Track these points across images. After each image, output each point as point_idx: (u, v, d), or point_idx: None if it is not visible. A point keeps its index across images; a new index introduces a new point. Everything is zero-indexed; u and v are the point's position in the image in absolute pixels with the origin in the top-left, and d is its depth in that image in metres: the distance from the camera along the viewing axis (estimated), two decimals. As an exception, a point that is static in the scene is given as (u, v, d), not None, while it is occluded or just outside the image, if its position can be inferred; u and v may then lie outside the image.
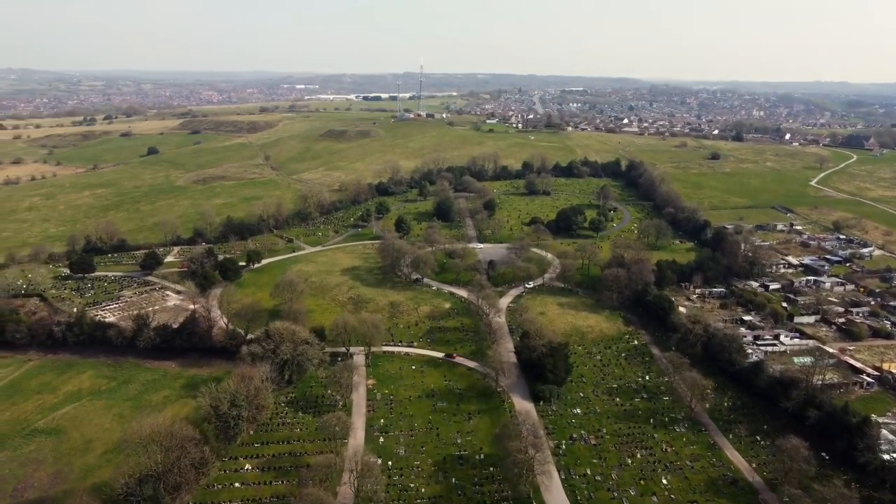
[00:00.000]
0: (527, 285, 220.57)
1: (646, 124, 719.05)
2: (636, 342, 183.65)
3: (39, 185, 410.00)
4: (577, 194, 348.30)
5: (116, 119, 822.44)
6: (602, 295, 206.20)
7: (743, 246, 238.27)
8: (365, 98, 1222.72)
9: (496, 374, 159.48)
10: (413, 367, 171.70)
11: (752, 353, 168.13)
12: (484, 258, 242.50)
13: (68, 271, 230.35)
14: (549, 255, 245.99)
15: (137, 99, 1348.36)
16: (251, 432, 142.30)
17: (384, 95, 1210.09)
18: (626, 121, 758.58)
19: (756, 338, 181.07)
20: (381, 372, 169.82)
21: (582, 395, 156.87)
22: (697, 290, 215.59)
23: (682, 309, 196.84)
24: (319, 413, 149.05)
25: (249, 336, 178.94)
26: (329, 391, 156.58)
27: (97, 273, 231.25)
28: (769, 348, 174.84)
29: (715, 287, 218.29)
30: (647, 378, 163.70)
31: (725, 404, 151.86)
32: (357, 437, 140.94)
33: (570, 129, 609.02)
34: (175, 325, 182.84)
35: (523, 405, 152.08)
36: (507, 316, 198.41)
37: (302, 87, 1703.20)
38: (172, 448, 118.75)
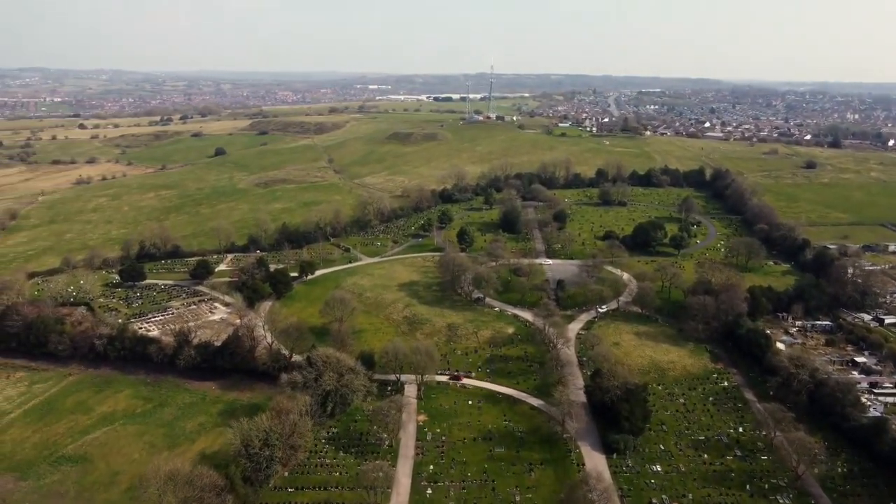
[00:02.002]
0: (599, 309, 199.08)
1: (729, 128, 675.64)
2: (726, 383, 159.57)
3: (108, 185, 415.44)
4: (656, 206, 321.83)
5: (191, 119, 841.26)
6: (686, 325, 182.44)
7: (851, 270, 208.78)
8: (435, 99, 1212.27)
9: (563, 418, 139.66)
10: (469, 403, 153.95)
11: (869, 406, 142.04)
12: (552, 276, 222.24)
13: (119, 279, 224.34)
14: (625, 276, 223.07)
15: (216, 99, 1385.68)
16: (285, 474, 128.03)
17: (455, 96, 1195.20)
18: (707, 124, 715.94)
19: (872, 385, 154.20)
20: (434, 406, 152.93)
21: (663, 447, 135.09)
22: (798, 323, 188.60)
23: (780, 345, 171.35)
24: (362, 453, 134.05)
25: (294, 357, 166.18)
26: (375, 427, 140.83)
27: (147, 281, 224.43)
28: (890, 399, 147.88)
29: (818, 319, 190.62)
30: (741, 430, 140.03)
31: (839, 470, 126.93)
32: (402, 488, 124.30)
33: (647, 133, 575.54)
34: (217, 343, 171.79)
35: (593, 458, 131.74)
36: (577, 345, 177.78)
37: (374, 87, 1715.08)
38: (190, 500, 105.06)
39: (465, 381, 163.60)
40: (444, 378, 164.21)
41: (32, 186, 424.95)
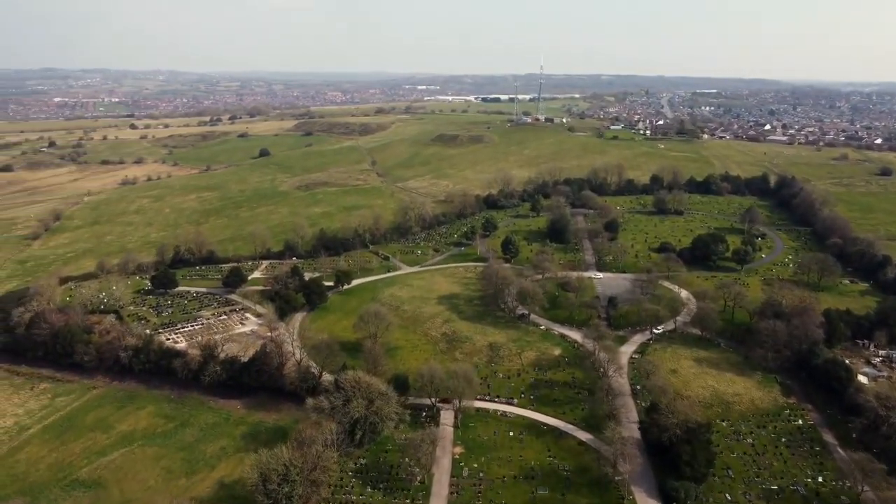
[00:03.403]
0: (654, 330, 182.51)
1: (791, 131, 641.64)
2: (800, 422, 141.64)
3: (153, 185, 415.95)
4: (716, 215, 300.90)
5: (240, 119, 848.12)
6: (752, 351, 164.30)
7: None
8: (484, 100, 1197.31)
9: (615, 459, 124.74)
10: (511, 434, 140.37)
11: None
12: (603, 292, 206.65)
13: (151, 286, 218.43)
14: (683, 293, 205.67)
15: (267, 99, 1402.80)
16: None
17: (503, 97, 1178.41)
18: (767, 127, 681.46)
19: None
20: (472, 437, 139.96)
21: (729, 497, 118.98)
22: (881, 352, 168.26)
23: (862, 378, 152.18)
24: (392, 490, 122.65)
25: (324, 376, 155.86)
26: (406, 459, 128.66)
27: (179, 288, 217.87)
28: None
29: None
30: (821, 480, 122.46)
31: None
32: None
33: (705, 136, 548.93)
34: (244, 359, 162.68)
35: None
36: (630, 371, 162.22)
37: (423, 87, 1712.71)
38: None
39: (507, 408, 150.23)
40: (483, 404, 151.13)
41: (80, 186, 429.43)
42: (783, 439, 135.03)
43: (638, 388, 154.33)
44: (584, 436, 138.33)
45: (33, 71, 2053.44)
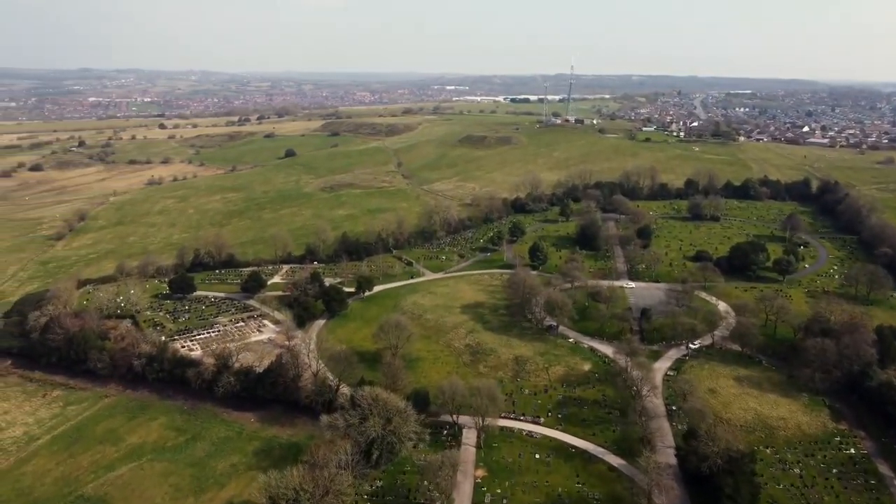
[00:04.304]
0: (691, 345, 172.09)
1: (832, 133, 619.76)
2: (852, 450, 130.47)
3: (178, 186, 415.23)
4: (754, 222, 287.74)
5: (268, 119, 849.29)
6: (798, 371, 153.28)
7: None
8: (513, 100, 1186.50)
9: (649, 489, 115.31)
10: (537, 457, 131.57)
11: None
12: (635, 303, 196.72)
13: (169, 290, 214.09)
14: (721, 305, 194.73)
15: (296, 99, 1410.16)
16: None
17: (532, 97, 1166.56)
18: (806, 129, 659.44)
19: None
20: (495, 459, 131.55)
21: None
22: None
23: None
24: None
25: (342, 388, 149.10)
26: (425, 482, 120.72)
27: (197, 293, 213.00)
28: None
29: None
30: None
31: None
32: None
33: (741, 138, 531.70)
34: (259, 370, 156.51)
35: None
36: (665, 390, 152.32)
37: (451, 88, 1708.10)
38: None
39: (533, 427, 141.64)
40: (507, 423, 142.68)
41: (106, 186, 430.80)
42: (834, 470, 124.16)
43: (674, 408, 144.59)
44: (615, 461, 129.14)
45: (70, 71, 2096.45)
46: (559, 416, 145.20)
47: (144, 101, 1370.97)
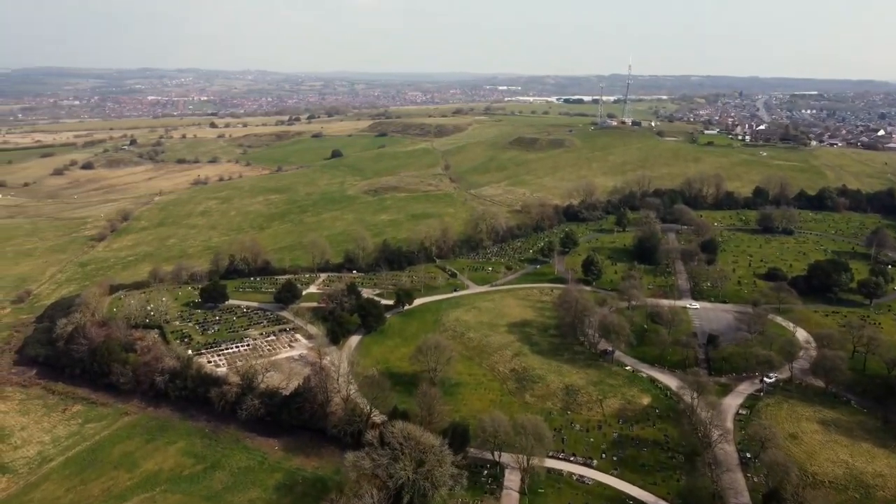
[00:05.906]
0: (766, 379, 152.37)
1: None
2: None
3: (223, 186, 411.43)
4: (832, 236, 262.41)
5: (318, 118, 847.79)
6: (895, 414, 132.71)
7: None
8: (566, 101, 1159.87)
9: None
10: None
11: None
12: (700, 327, 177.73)
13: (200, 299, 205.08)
14: (800, 332, 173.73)
15: (348, 99, 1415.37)
16: None
17: (586, 98, 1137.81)
18: (881, 133, 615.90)
19: None
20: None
21: None
22: None
23: None
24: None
25: (374, 416, 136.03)
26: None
27: (229, 302, 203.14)
28: None
29: None
30: None
31: None
32: None
33: (814, 143, 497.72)
34: (285, 392, 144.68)
35: None
36: (737, 433, 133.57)
37: (504, 88, 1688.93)
38: None
39: (584, 471, 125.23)
40: (556, 464, 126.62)
41: (153, 186, 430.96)
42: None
43: (747, 456, 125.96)
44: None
45: (132, 71, 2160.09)
46: (614, 458, 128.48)
47: (201, 99, 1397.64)
